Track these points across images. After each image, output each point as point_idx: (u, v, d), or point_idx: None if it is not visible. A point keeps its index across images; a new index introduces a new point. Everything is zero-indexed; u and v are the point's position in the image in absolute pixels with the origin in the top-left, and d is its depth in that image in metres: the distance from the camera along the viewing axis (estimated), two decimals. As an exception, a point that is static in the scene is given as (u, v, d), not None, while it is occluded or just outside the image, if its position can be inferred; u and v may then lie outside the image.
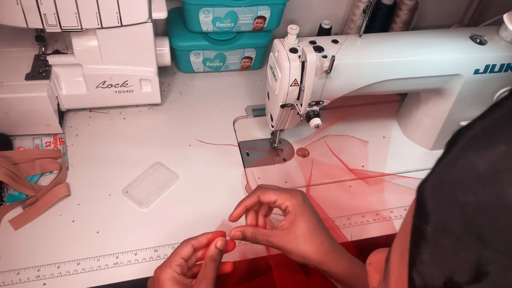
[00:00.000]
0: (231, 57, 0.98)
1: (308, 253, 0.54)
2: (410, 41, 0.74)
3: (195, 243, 0.54)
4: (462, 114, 0.81)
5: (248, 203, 0.58)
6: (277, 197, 0.57)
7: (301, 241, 0.55)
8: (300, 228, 0.55)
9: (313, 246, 0.55)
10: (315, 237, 0.55)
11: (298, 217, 0.55)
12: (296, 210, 0.56)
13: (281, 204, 0.57)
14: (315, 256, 0.54)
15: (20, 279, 0.63)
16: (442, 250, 0.23)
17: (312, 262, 0.55)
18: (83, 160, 0.80)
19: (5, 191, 0.73)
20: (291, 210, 0.56)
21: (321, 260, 0.55)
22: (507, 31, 0.74)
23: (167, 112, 0.91)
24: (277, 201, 0.57)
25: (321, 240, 0.56)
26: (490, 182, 0.21)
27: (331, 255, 0.55)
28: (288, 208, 0.56)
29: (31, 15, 0.69)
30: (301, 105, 0.69)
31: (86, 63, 0.79)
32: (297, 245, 0.55)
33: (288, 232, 0.55)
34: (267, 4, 0.88)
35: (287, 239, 0.55)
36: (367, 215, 0.77)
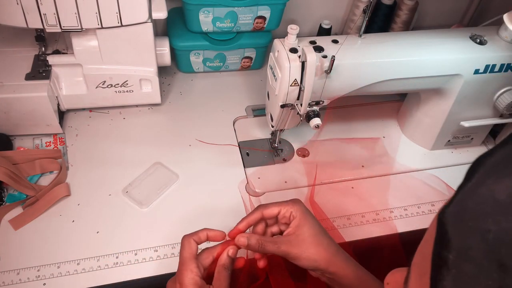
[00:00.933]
0: (231, 57, 0.98)
1: (317, 255, 0.55)
2: (410, 41, 0.74)
3: (196, 238, 0.55)
4: (462, 114, 0.81)
5: (251, 220, 0.58)
6: (279, 207, 0.58)
7: (309, 243, 0.55)
8: (307, 231, 0.56)
9: (321, 247, 0.55)
10: (322, 239, 0.56)
11: (303, 220, 0.56)
12: (301, 214, 0.57)
13: (285, 212, 0.57)
14: (324, 256, 0.55)
15: (20, 279, 0.63)
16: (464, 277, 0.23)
17: (321, 264, 0.55)
18: (83, 160, 0.80)
19: (5, 191, 0.73)
20: (296, 215, 0.57)
21: (330, 261, 0.55)
22: (507, 31, 0.74)
23: (167, 112, 0.91)
24: (281, 211, 0.58)
25: (327, 241, 0.56)
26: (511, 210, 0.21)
27: (339, 257, 0.56)
28: (293, 214, 0.57)
29: (31, 15, 0.69)
30: (301, 105, 0.69)
31: (86, 63, 0.79)
32: (305, 248, 0.55)
33: (295, 237, 0.56)
34: (267, 4, 0.88)
35: (295, 243, 0.55)
36: (366, 215, 0.77)
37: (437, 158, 0.88)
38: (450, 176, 0.85)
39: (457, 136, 0.87)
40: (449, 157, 0.89)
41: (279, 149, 0.86)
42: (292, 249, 0.55)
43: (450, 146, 0.89)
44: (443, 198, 0.81)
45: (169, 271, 0.66)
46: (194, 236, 0.55)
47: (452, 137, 0.87)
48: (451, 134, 0.86)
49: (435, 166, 0.87)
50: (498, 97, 0.78)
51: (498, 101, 0.78)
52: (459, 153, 0.90)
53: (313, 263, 0.55)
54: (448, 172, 0.86)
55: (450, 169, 0.87)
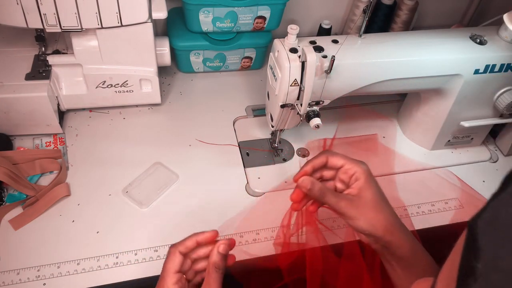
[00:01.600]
0: (231, 57, 0.98)
1: (376, 221, 0.52)
2: (410, 41, 0.75)
3: (182, 249, 0.51)
4: (462, 114, 0.81)
5: (316, 163, 0.56)
6: (345, 162, 0.55)
7: (371, 208, 0.53)
8: (370, 195, 0.53)
9: (382, 214, 0.53)
10: (383, 206, 0.54)
11: (367, 183, 0.54)
12: (366, 177, 0.54)
13: (349, 169, 0.55)
14: (382, 223, 0.52)
15: (20, 279, 0.63)
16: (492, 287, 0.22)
17: (378, 230, 0.52)
18: (83, 160, 0.80)
19: (5, 191, 0.73)
20: (360, 177, 0.54)
21: (387, 230, 0.52)
22: (507, 31, 0.74)
23: (167, 112, 0.91)
24: (345, 166, 0.55)
25: (389, 210, 0.54)
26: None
27: (397, 227, 0.53)
28: (357, 175, 0.54)
29: (31, 15, 0.69)
30: (301, 105, 0.69)
31: (86, 63, 0.79)
32: (365, 212, 0.52)
33: (357, 198, 0.53)
34: (267, 4, 0.88)
35: (356, 204, 0.53)
36: None
37: (437, 158, 0.88)
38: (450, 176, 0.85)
39: (457, 136, 0.87)
40: (449, 157, 0.89)
41: (279, 149, 0.86)
42: (351, 208, 0.53)
43: (450, 146, 0.89)
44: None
45: (169, 271, 0.66)
46: (180, 247, 0.51)
47: (452, 137, 0.87)
48: (451, 134, 0.86)
49: (435, 166, 0.87)
50: (498, 97, 0.78)
51: (498, 101, 0.78)
52: (459, 153, 0.90)
53: (370, 228, 0.52)
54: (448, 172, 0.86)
55: (450, 169, 0.87)
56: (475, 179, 0.85)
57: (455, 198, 0.81)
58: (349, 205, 0.53)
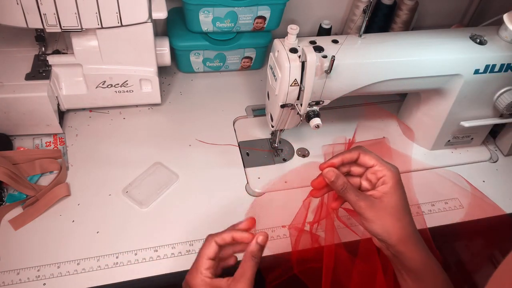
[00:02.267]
0: (231, 57, 0.98)
1: (392, 228, 0.52)
2: (410, 41, 0.74)
3: (219, 240, 0.52)
4: (462, 114, 0.81)
5: (346, 158, 0.55)
6: (376, 162, 0.54)
7: (390, 214, 0.52)
8: (393, 201, 0.52)
9: (400, 223, 0.52)
10: (403, 216, 0.53)
11: (393, 189, 0.53)
12: (393, 183, 0.53)
13: (379, 171, 0.54)
14: (398, 233, 0.52)
15: (20, 279, 0.63)
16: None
17: (392, 238, 0.52)
18: (83, 160, 0.80)
19: (5, 191, 0.73)
20: (388, 181, 0.53)
21: (402, 240, 0.52)
22: (507, 31, 0.74)
23: (167, 112, 0.91)
24: (376, 166, 0.54)
25: (408, 220, 0.53)
26: None
27: (413, 239, 0.53)
28: (385, 178, 0.53)
29: (31, 15, 0.69)
30: (301, 105, 0.69)
31: (86, 63, 0.79)
32: (384, 217, 0.52)
33: (379, 201, 0.52)
34: (267, 4, 0.88)
35: (376, 206, 0.52)
36: None
37: (437, 158, 0.88)
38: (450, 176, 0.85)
39: (457, 136, 0.87)
40: (449, 157, 0.89)
41: (279, 149, 0.86)
42: (370, 210, 0.52)
43: (450, 146, 0.89)
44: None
45: (169, 271, 0.66)
46: (217, 237, 0.52)
47: (452, 137, 0.87)
48: (451, 134, 0.86)
49: (435, 166, 0.87)
50: (498, 97, 0.78)
51: (498, 101, 0.78)
52: (459, 153, 0.90)
53: (385, 234, 0.52)
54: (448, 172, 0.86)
55: (450, 169, 0.87)
56: (475, 179, 0.85)
57: (455, 198, 0.81)
58: (368, 207, 0.52)
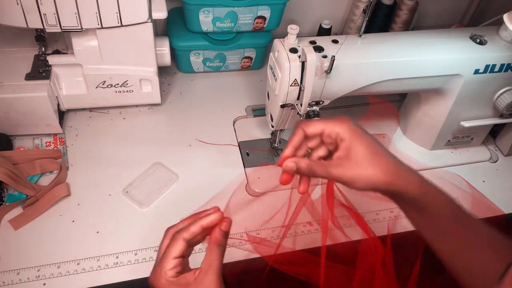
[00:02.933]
0: (231, 57, 0.98)
1: (375, 176, 0.49)
2: (410, 41, 0.74)
3: (187, 236, 0.48)
4: (462, 114, 0.81)
5: (295, 141, 0.52)
6: (324, 126, 0.51)
7: (365, 165, 0.49)
8: (360, 151, 0.49)
9: (379, 167, 0.49)
10: (379, 158, 0.49)
11: (354, 140, 0.49)
12: (351, 134, 0.49)
13: (331, 132, 0.50)
14: (383, 177, 0.49)
15: (20, 279, 0.63)
16: None
17: (380, 185, 0.49)
18: (83, 160, 0.80)
19: (5, 191, 0.73)
20: (344, 136, 0.49)
21: (390, 181, 0.49)
22: (507, 31, 0.74)
23: (167, 112, 0.91)
24: (325, 131, 0.50)
25: (386, 160, 0.50)
26: None
27: (401, 174, 0.49)
28: (340, 135, 0.50)
29: (31, 15, 0.69)
30: (301, 105, 0.69)
31: (86, 63, 0.79)
32: (361, 171, 0.49)
33: (348, 160, 0.49)
34: (267, 4, 0.88)
35: (348, 166, 0.49)
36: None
37: (437, 158, 0.88)
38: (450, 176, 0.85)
39: (457, 136, 0.87)
40: (449, 157, 0.89)
41: (279, 149, 0.86)
42: (344, 173, 0.49)
43: (450, 146, 0.89)
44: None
45: (169, 271, 0.66)
46: (185, 234, 0.48)
47: (452, 137, 0.87)
48: (451, 134, 0.86)
49: (435, 166, 0.87)
50: (498, 97, 0.78)
51: (498, 101, 0.78)
52: (459, 153, 0.90)
53: (370, 186, 0.49)
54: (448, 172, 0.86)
55: (450, 169, 0.87)
56: (475, 179, 0.85)
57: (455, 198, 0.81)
58: (341, 171, 0.49)
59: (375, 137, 0.51)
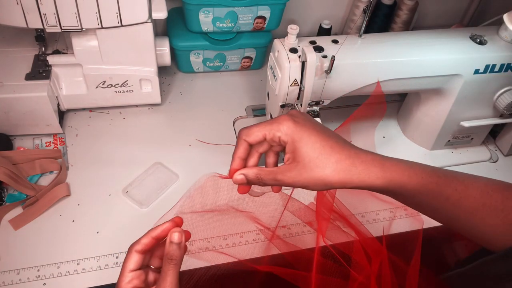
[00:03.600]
0: (231, 57, 0.98)
1: (326, 178, 0.45)
2: (410, 41, 0.75)
3: (138, 247, 0.47)
4: (462, 114, 0.81)
5: (240, 153, 0.49)
6: (263, 132, 0.47)
7: (313, 168, 0.45)
8: (305, 154, 0.45)
9: (329, 168, 0.45)
10: (327, 157, 0.45)
11: (297, 143, 0.46)
12: (292, 136, 0.46)
13: (272, 137, 0.47)
14: (336, 177, 0.45)
15: (20, 279, 0.63)
16: None
17: (335, 185, 0.46)
18: (83, 160, 0.80)
19: (5, 191, 0.73)
20: (286, 139, 0.46)
21: (345, 179, 0.45)
22: (507, 31, 0.74)
23: (167, 112, 0.91)
24: (267, 136, 0.47)
25: (336, 158, 0.46)
26: None
27: (356, 169, 0.46)
28: (282, 138, 0.47)
29: (31, 15, 0.69)
30: (301, 105, 0.69)
31: (86, 63, 0.79)
32: (311, 175, 0.45)
33: (295, 165, 0.46)
34: (267, 4, 0.88)
35: (297, 171, 0.46)
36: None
37: (437, 158, 0.88)
38: (450, 176, 0.85)
39: (457, 136, 0.87)
40: (449, 157, 0.89)
41: (279, 149, 0.86)
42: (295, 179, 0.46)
43: (450, 146, 0.89)
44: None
45: (169, 271, 0.66)
46: (136, 245, 0.47)
47: (452, 137, 0.87)
48: (451, 134, 0.86)
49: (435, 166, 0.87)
50: (498, 97, 0.78)
51: (498, 101, 0.78)
52: (459, 153, 0.90)
53: (326, 187, 0.46)
54: (448, 172, 0.86)
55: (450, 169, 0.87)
56: (475, 179, 0.85)
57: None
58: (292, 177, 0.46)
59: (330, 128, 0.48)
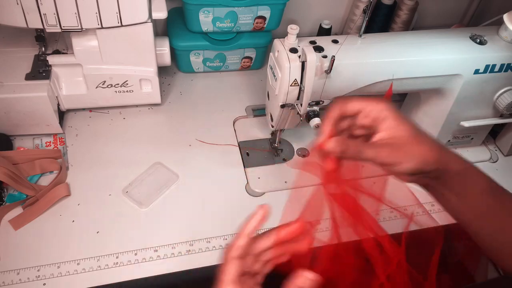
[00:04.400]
0: (231, 57, 0.98)
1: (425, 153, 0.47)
2: (410, 41, 0.74)
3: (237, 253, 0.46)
4: (462, 114, 0.81)
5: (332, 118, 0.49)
6: (363, 105, 0.48)
7: (412, 144, 0.47)
8: (406, 130, 0.47)
9: (426, 145, 0.47)
10: (424, 137, 0.48)
11: (397, 120, 0.47)
12: (392, 114, 0.48)
13: (370, 111, 0.48)
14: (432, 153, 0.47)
15: (20, 279, 0.63)
16: None
17: (430, 162, 0.47)
18: (83, 160, 0.80)
19: (5, 191, 0.73)
20: (387, 115, 0.48)
21: (438, 157, 0.47)
22: (507, 31, 0.74)
23: (167, 112, 0.91)
24: (365, 109, 0.48)
25: (431, 139, 0.49)
26: None
27: (444, 150, 0.49)
28: (382, 114, 0.48)
29: (31, 15, 0.69)
30: (301, 105, 0.69)
31: (86, 63, 0.79)
32: (409, 150, 0.47)
33: (393, 140, 0.47)
34: (267, 4, 0.88)
35: (396, 147, 0.47)
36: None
37: (437, 158, 0.88)
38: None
39: (457, 136, 0.87)
40: (449, 157, 0.89)
41: (279, 149, 0.86)
42: (394, 153, 0.47)
43: (450, 146, 0.89)
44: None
45: (169, 271, 0.66)
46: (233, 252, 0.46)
47: (452, 137, 0.87)
48: (451, 134, 0.86)
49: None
50: (498, 97, 0.78)
51: (498, 101, 0.78)
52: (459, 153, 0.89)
53: (420, 165, 0.47)
54: (448, 172, 0.86)
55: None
56: (475, 179, 0.85)
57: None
58: (390, 152, 0.47)
59: None
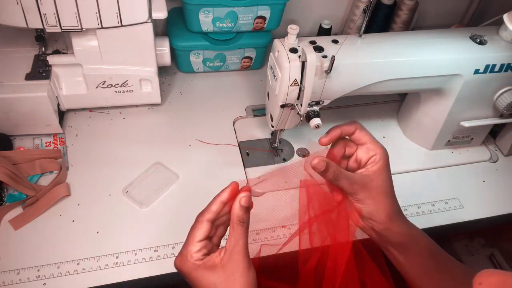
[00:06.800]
0: (231, 57, 0.98)
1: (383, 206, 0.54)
2: (410, 41, 0.74)
3: (210, 216, 0.49)
4: (462, 114, 0.81)
5: (345, 130, 0.55)
6: (370, 140, 0.55)
7: (380, 192, 0.54)
8: (382, 179, 0.54)
9: (389, 200, 0.54)
10: (391, 192, 0.55)
11: (383, 168, 0.54)
12: (384, 161, 0.54)
13: (371, 149, 0.55)
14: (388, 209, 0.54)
15: (20, 279, 0.63)
16: None
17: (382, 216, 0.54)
18: (83, 160, 0.80)
19: (5, 191, 0.73)
20: (379, 160, 0.54)
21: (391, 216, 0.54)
22: (507, 31, 0.74)
23: (167, 112, 0.91)
24: (368, 144, 0.55)
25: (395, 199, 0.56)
26: None
27: (399, 214, 0.56)
28: (377, 157, 0.54)
29: (31, 15, 0.69)
30: (301, 105, 0.69)
31: (86, 63, 0.79)
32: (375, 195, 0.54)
33: (370, 180, 0.54)
34: (267, 4, 0.88)
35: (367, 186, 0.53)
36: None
37: (437, 158, 0.88)
38: (450, 176, 0.85)
39: (457, 136, 0.87)
40: (449, 157, 0.89)
41: (279, 149, 0.86)
42: (362, 191, 0.53)
43: (450, 146, 0.89)
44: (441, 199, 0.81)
45: (169, 271, 0.66)
46: (207, 214, 0.49)
47: (452, 137, 0.87)
48: (451, 134, 0.86)
49: (435, 166, 0.87)
50: (498, 97, 0.78)
51: (498, 101, 0.78)
52: (459, 153, 0.90)
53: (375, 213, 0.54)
54: (448, 172, 0.86)
55: (450, 169, 0.87)
56: (475, 179, 0.85)
57: (455, 198, 0.81)
58: (361, 188, 0.53)
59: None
